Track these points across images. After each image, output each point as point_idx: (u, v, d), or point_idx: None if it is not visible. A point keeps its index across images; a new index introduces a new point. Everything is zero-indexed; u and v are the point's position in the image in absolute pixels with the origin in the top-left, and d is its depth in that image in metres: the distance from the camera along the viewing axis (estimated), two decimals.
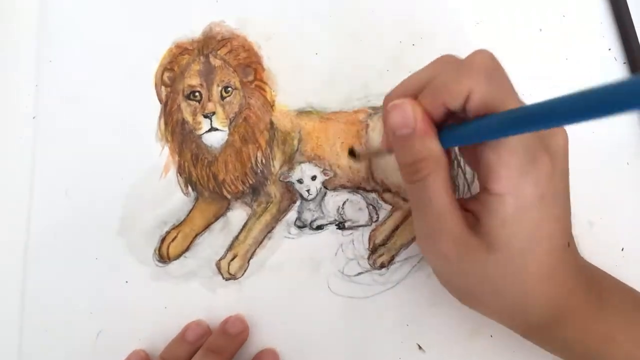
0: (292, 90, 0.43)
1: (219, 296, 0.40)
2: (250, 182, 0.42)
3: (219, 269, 0.41)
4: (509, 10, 0.43)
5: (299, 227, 0.41)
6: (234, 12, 0.44)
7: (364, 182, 0.42)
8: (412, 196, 0.31)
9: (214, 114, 0.42)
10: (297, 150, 0.42)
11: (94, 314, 0.40)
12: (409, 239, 0.41)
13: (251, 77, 0.43)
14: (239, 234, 0.41)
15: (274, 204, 0.42)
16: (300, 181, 0.41)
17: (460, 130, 0.28)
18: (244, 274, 0.41)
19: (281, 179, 0.42)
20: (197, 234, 0.41)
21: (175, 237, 0.41)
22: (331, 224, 0.41)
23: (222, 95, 0.42)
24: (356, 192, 0.42)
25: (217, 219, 0.42)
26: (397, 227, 0.41)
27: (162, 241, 0.41)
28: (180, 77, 0.43)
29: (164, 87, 0.43)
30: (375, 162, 0.42)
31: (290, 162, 0.42)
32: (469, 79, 0.27)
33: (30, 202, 0.42)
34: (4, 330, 0.40)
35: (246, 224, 0.41)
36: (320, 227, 0.41)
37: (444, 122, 0.29)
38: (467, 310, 0.39)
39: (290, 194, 0.42)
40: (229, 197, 0.42)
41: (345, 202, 0.41)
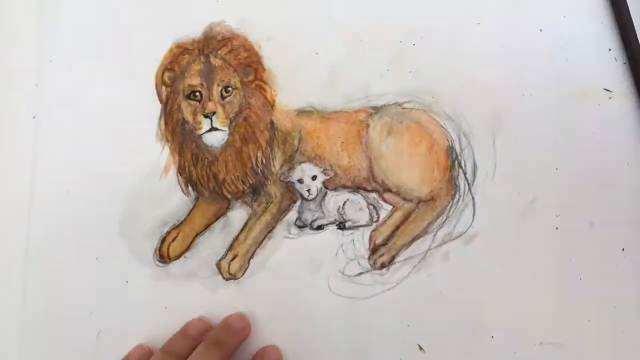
0: (292, 90, 0.43)
1: (219, 296, 0.40)
2: (250, 182, 0.42)
3: (219, 269, 0.41)
4: (509, 10, 0.43)
5: (300, 227, 0.41)
6: (234, 12, 0.44)
7: (365, 182, 0.42)
8: None
9: (214, 113, 0.41)
10: (297, 150, 0.42)
11: (94, 314, 0.40)
12: (409, 239, 0.41)
13: (251, 77, 0.43)
14: (239, 234, 0.41)
15: (274, 204, 0.41)
16: (300, 181, 0.41)
17: None
18: (244, 274, 0.41)
19: (281, 178, 0.42)
20: (197, 234, 0.41)
21: (175, 237, 0.41)
22: (332, 224, 0.41)
23: (222, 95, 0.42)
24: (357, 192, 0.42)
25: (217, 218, 0.42)
26: (397, 227, 0.41)
27: (163, 241, 0.41)
28: (180, 77, 0.43)
29: (164, 87, 0.43)
30: (376, 162, 0.42)
31: (290, 161, 0.42)
32: None
33: (30, 202, 0.42)
34: (4, 330, 0.40)
35: (246, 224, 0.41)
36: (320, 227, 0.41)
37: None
38: (467, 310, 0.40)
39: (290, 193, 0.42)
40: (229, 197, 0.42)
41: (345, 202, 0.41)
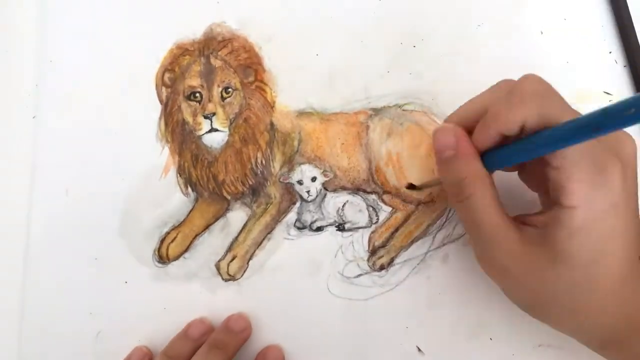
0: (292, 91, 0.43)
1: (219, 297, 0.40)
2: (250, 183, 0.42)
3: (218, 269, 0.41)
4: (509, 12, 0.43)
5: (299, 229, 0.41)
6: (234, 13, 0.44)
7: (364, 183, 0.42)
8: (462, 216, 0.32)
9: (214, 114, 0.42)
10: (297, 151, 0.42)
11: (93, 314, 0.40)
12: (408, 241, 0.41)
13: (252, 78, 0.43)
14: (239, 234, 0.41)
15: (274, 205, 0.41)
16: (300, 182, 0.41)
17: (510, 149, 0.29)
18: (243, 275, 0.41)
19: (281, 180, 0.42)
20: (196, 235, 0.41)
21: (174, 238, 0.41)
22: (331, 225, 0.41)
23: (222, 96, 0.42)
24: (356, 193, 0.42)
25: (216, 219, 0.42)
26: (397, 229, 0.41)
27: (162, 242, 0.41)
28: (180, 78, 0.43)
29: (164, 88, 0.43)
30: (375, 164, 0.42)
31: (290, 163, 0.42)
32: (521, 108, 0.28)
33: (30, 202, 0.42)
34: (4, 330, 0.40)
35: (246, 225, 0.41)
36: (320, 229, 0.41)
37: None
38: (466, 312, 0.39)
39: (290, 195, 0.42)
40: (228, 197, 0.42)
41: (345, 203, 0.41)
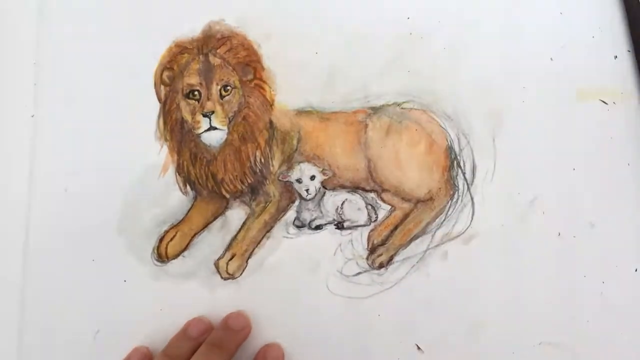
0: (291, 89, 0.43)
1: (218, 295, 0.40)
2: (249, 181, 0.42)
3: (217, 268, 0.41)
4: (509, 10, 0.43)
5: (298, 227, 0.41)
6: (233, 11, 0.44)
7: (363, 181, 0.42)
8: None
9: (213, 113, 0.41)
10: (296, 149, 0.42)
11: (92, 313, 0.40)
12: (408, 239, 0.41)
13: (250, 76, 0.43)
14: (238, 233, 0.41)
15: (273, 204, 0.41)
16: (299, 181, 0.41)
17: None
18: (242, 273, 0.40)
19: (280, 178, 0.42)
20: (195, 233, 0.41)
21: (173, 237, 0.41)
22: (330, 223, 0.41)
23: (221, 94, 0.42)
24: (355, 192, 0.42)
25: (215, 218, 0.42)
26: (396, 227, 0.41)
27: (161, 240, 0.41)
28: (179, 76, 0.42)
29: (163, 86, 0.43)
30: (374, 162, 0.41)
31: (289, 161, 0.42)
32: None
33: (29, 201, 0.42)
34: (4, 329, 0.40)
35: (245, 224, 0.41)
36: (319, 227, 0.41)
37: None
38: (465, 310, 0.39)
39: (289, 193, 0.42)
40: (227, 196, 0.42)
41: (344, 202, 0.41)
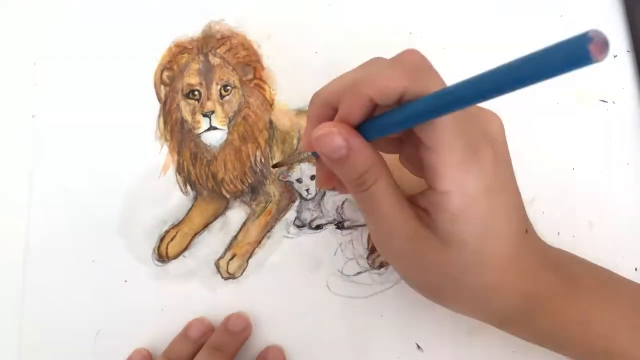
0: (291, 89, 0.43)
1: (218, 296, 0.40)
2: (249, 181, 0.42)
3: (218, 268, 0.41)
4: (509, 11, 0.43)
5: (298, 227, 0.41)
6: (233, 11, 0.44)
7: None
8: (362, 204, 0.31)
9: (213, 112, 0.41)
10: (296, 149, 0.42)
11: (93, 314, 0.40)
12: None
13: (250, 76, 0.43)
14: (238, 233, 0.41)
15: (273, 204, 0.41)
16: (299, 180, 0.41)
17: (386, 118, 0.27)
18: (242, 273, 0.40)
19: (280, 178, 0.42)
20: (196, 233, 0.41)
21: (174, 237, 0.41)
22: (330, 223, 0.41)
23: (221, 94, 0.42)
24: None
25: (216, 218, 0.42)
26: None
27: (161, 240, 0.41)
28: (179, 76, 0.42)
29: (163, 86, 0.43)
30: None
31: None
32: (402, 77, 0.26)
33: (29, 201, 0.42)
34: (4, 329, 0.40)
35: (245, 224, 0.41)
36: (319, 227, 0.41)
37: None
38: None
39: (289, 193, 0.42)
40: (228, 196, 0.42)
41: (344, 201, 0.41)
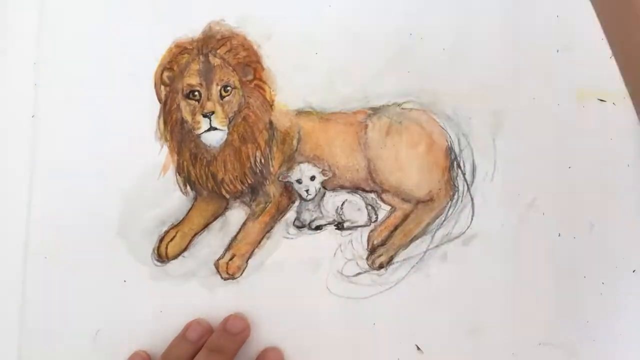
0: (291, 89, 0.43)
1: (218, 296, 0.40)
2: (249, 181, 0.42)
3: (217, 268, 0.41)
4: (509, 10, 0.43)
5: (298, 228, 0.41)
6: (234, 11, 0.44)
7: (363, 182, 0.42)
8: None
9: (213, 113, 0.41)
10: (296, 150, 0.42)
11: (92, 314, 0.40)
12: (407, 240, 0.41)
13: (250, 76, 0.43)
14: (238, 233, 0.41)
15: (273, 204, 0.41)
16: (299, 181, 0.41)
17: None
18: (242, 273, 0.40)
19: (280, 178, 0.42)
20: (195, 234, 0.41)
21: (173, 237, 0.41)
22: (330, 224, 0.41)
23: (221, 94, 0.42)
24: (355, 192, 0.42)
25: (215, 218, 0.42)
26: (396, 228, 0.41)
27: (161, 240, 0.41)
28: (179, 77, 0.42)
29: (163, 87, 0.43)
30: (374, 163, 0.41)
31: (289, 162, 0.42)
32: None
33: (29, 201, 0.42)
34: (4, 329, 0.40)
35: (245, 224, 0.41)
36: (319, 228, 0.41)
37: None
38: (465, 311, 0.40)
39: (289, 194, 0.42)
40: (227, 196, 0.42)
41: (344, 202, 0.41)
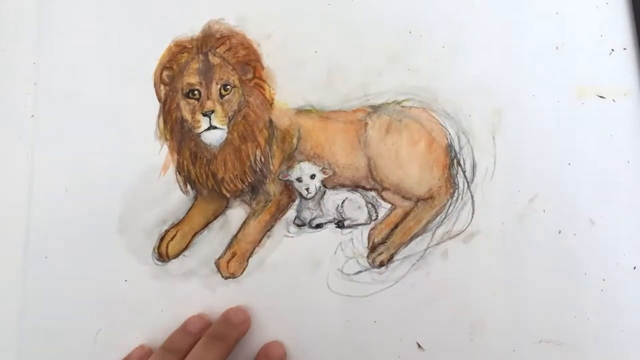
0: (291, 88, 0.43)
1: (218, 295, 0.40)
2: (249, 180, 0.42)
3: (218, 267, 0.41)
4: (509, 8, 0.43)
5: (298, 226, 0.41)
6: (233, 10, 0.44)
7: (363, 180, 0.42)
8: None
9: (212, 112, 0.41)
10: (296, 148, 0.42)
11: (93, 313, 0.40)
12: (408, 238, 0.41)
13: (250, 75, 0.43)
14: (238, 232, 0.41)
15: (273, 203, 0.41)
16: (299, 180, 0.41)
17: None
18: (243, 272, 0.40)
19: (280, 177, 0.42)
20: (196, 233, 0.41)
21: (174, 236, 0.41)
22: (330, 222, 0.41)
23: (221, 93, 0.42)
24: (355, 190, 0.42)
25: (216, 217, 0.42)
26: (396, 226, 0.41)
27: (161, 240, 0.41)
28: (179, 76, 0.42)
29: (163, 86, 0.43)
30: (374, 161, 0.41)
31: (289, 160, 0.42)
32: None
33: (29, 201, 0.42)
34: (4, 329, 0.40)
35: (245, 223, 0.41)
36: (319, 226, 0.41)
37: None
38: (466, 308, 0.40)
39: (289, 192, 0.42)
40: (228, 195, 0.42)
41: (344, 200, 0.41)
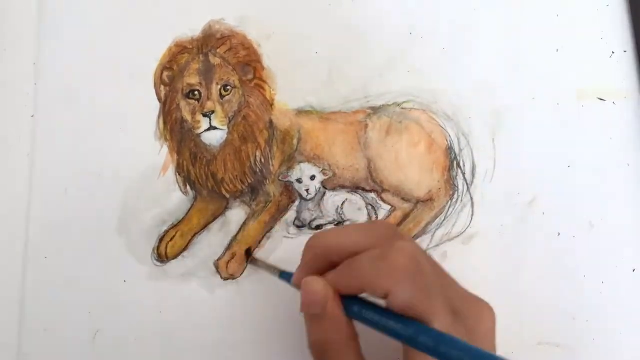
0: (291, 89, 0.43)
1: (218, 296, 0.40)
2: (249, 181, 0.42)
3: (217, 268, 0.41)
4: (509, 10, 0.43)
5: (298, 227, 0.41)
6: (234, 11, 0.44)
7: (363, 182, 0.42)
8: None
9: (213, 112, 0.41)
10: (296, 149, 0.42)
11: (92, 313, 0.40)
12: None
13: (250, 76, 0.43)
14: (238, 233, 0.41)
15: (273, 204, 0.41)
16: (299, 181, 0.41)
17: (368, 314, 0.29)
18: (242, 273, 0.40)
19: (280, 178, 0.42)
20: (195, 234, 0.41)
21: (173, 237, 0.41)
22: (330, 223, 0.41)
23: (221, 94, 0.42)
24: (355, 192, 0.42)
25: (215, 218, 0.41)
26: None
27: (161, 240, 0.41)
28: (179, 76, 0.42)
29: (163, 86, 0.43)
30: (374, 162, 0.41)
31: (289, 161, 0.42)
32: (389, 280, 0.27)
33: (29, 201, 0.42)
34: (4, 329, 0.40)
35: (245, 224, 0.41)
36: (319, 227, 0.41)
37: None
38: None
39: (289, 193, 0.42)
40: (227, 196, 0.42)
41: (344, 202, 0.41)
